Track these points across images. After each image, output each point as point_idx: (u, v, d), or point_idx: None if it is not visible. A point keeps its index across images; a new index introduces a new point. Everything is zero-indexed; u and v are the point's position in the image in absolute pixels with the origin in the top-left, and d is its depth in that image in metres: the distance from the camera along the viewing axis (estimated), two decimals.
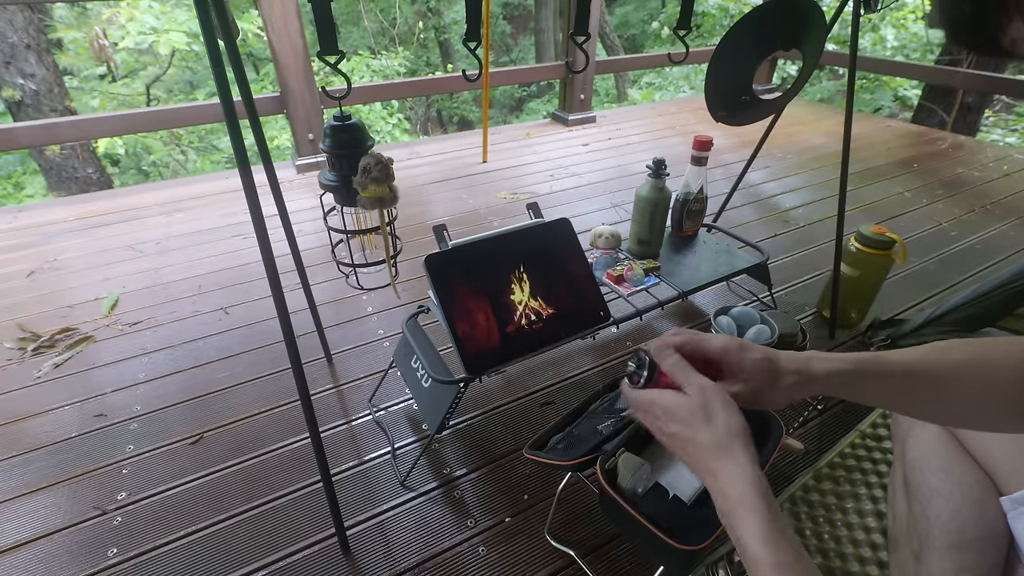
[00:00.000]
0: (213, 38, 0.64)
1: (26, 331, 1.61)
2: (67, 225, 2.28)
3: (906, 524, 0.76)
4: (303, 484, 1.12)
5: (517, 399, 1.33)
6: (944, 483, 0.72)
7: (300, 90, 2.56)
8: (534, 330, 1.04)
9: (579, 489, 1.09)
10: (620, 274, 1.28)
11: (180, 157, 6.12)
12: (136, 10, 4.54)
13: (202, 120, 2.67)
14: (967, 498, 0.70)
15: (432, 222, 1.58)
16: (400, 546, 1.01)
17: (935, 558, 0.67)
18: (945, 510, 0.70)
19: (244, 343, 1.54)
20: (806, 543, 0.95)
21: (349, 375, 1.41)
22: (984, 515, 0.68)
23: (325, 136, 0.86)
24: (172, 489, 1.12)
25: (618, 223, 2.18)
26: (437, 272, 0.98)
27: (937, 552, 0.68)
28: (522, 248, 1.07)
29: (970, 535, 0.67)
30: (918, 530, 0.72)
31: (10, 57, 3.93)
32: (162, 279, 1.87)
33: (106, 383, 1.41)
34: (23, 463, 1.20)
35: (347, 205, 0.91)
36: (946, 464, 0.74)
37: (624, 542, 1.00)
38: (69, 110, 4.37)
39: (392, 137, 6.37)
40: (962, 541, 0.66)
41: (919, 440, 0.80)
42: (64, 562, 0.99)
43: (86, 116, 3.08)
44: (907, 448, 0.81)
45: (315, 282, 1.76)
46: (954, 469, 0.73)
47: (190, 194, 2.53)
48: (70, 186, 4.56)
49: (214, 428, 1.27)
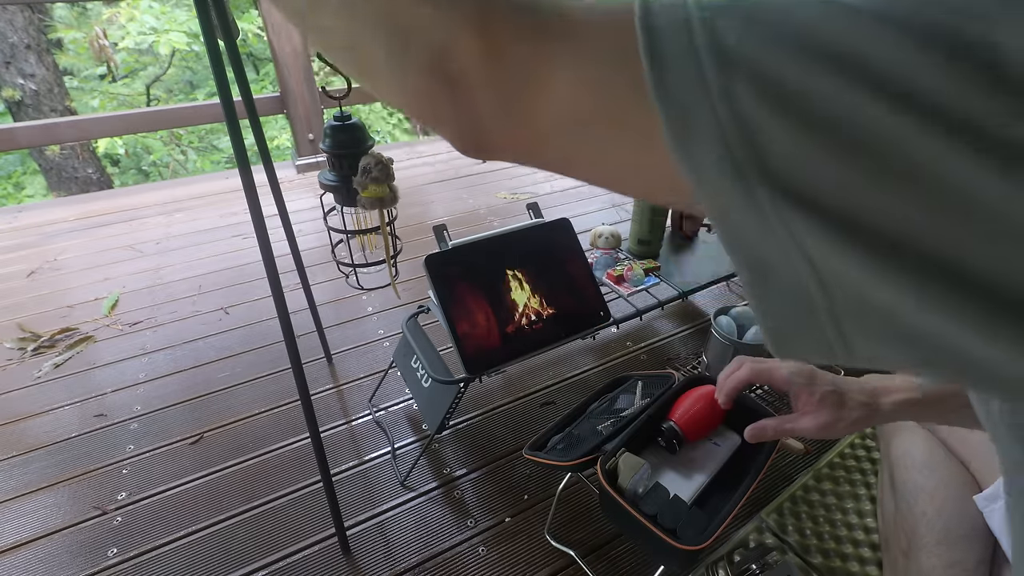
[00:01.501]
0: (213, 38, 0.64)
1: (26, 331, 1.61)
2: (67, 225, 2.27)
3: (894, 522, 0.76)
4: (303, 484, 1.12)
5: (517, 399, 1.33)
6: (928, 480, 0.72)
7: (300, 90, 2.56)
8: (534, 330, 1.04)
9: (579, 489, 1.09)
10: (620, 274, 1.28)
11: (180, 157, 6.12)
12: (136, 10, 4.54)
13: (202, 120, 2.68)
14: (951, 494, 0.70)
15: (432, 222, 1.58)
16: (400, 546, 1.01)
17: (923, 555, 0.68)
18: (930, 507, 0.70)
19: (244, 343, 1.54)
20: (806, 543, 0.95)
21: (349, 375, 1.41)
22: (969, 511, 0.68)
23: (325, 136, 0.86)
24: (172, 489, 1.12)
25: (618, 223, 2.18)
26: (437, 272, 0.98)
27: (925, 549, 0.68)
28: (522, 248, 1.07)
29: (956, 531, 0.67)
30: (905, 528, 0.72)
31: (10, 57, 3.93)
32: (162, 279, 1.87)
33: (106, 383, 1.41)
34: (23, 463, 1.20)
35: (347, 205, 0.91)
36: (930, 461, 0.74)
37: (624, 542, 1.00)
38: (69, 110, 4.37)
39: (392, 137, 6.37)
40: (948, 537, 0.66)
41: (903, 439, 0.80)
42: (64, 562, 0.99)
43: (86, 116, 3.08)
44: (892, 447, 0.81)
45: (315, 282, 1.75)
46: (938, 466, 0.73)
47: (190, 194, 2.53)
48: (70, 186, 4.56)
49: (214, 428, 1.27)
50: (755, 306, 0.19)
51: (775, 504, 1.01)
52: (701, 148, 0.17)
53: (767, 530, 0.98)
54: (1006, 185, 0.14)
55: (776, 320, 0.19)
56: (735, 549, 0.94)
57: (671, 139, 0.17)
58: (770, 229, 0.17)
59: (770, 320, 0.19)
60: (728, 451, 0.88)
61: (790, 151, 0.15)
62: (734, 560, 0.92)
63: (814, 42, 0.15)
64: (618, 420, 0.93)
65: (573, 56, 0.20)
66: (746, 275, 0.19)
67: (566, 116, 0.21)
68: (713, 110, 0.16)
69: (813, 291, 0.17)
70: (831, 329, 0.18)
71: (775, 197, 0.16)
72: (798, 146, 0.15)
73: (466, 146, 0.24)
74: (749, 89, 0.16)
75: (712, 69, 0.16)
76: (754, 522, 0.99)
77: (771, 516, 1.00)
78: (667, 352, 1.49)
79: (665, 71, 0.17)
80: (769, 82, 0.15)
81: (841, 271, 0.16)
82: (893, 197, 0.15)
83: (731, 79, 0.16)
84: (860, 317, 0.17)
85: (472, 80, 0.21)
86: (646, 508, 0.77)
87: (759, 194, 0.16)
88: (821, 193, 0.15)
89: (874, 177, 0.15)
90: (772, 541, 0.96)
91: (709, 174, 0.17)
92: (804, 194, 0.16)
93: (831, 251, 0.16)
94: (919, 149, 0.14)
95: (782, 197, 0.16)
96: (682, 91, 0.17)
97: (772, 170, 0.16)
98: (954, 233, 0.15)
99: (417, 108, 0.24)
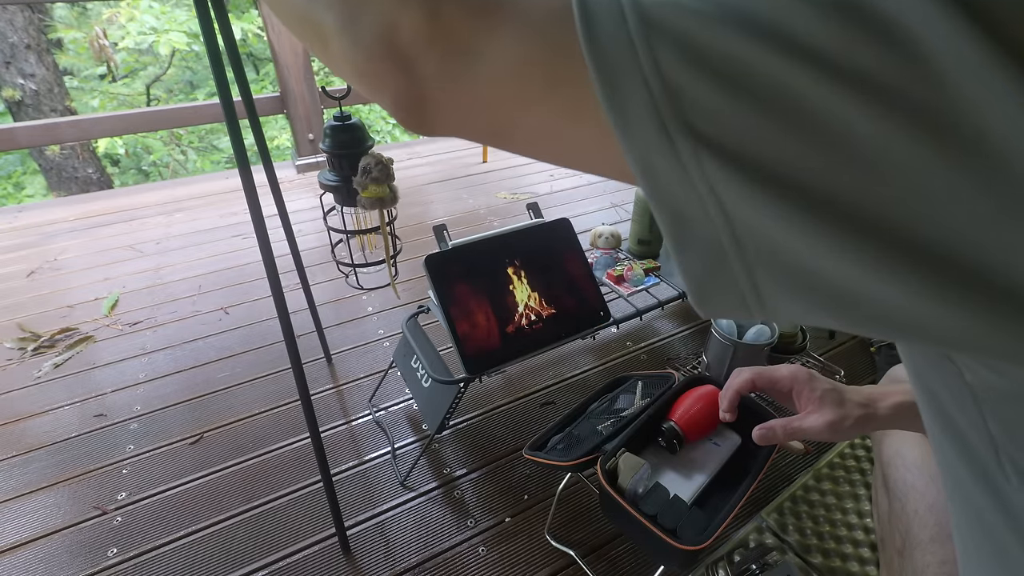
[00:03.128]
0: (213, 38, 0.64)
1: (26, 331, 1.61)
2: (67, 225, 2.27)
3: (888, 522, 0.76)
4: (303, 484, 1.12)
5: (517, 399, 1.33)
6: (918, 478, 0.72)
7: (300, 90, 2.56)
8: (534, 330, 1.04)
9: (579, 489, 1.09)
10: (620, 274, 1.28)
11: (180, 157, 6.12)
12: (136, 10, 4.54)
13: (202, 120, 2.68)
14: (941, 492, 0.70)
15: (432, 222, 1.58)
16: (400, 546, 1.01)
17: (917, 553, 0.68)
18: (921, 504, 0.70)
19: (244, 343, 1.54)
20: (806, 543, 0.95)
21: (349, 375, 1.41)
22: None
23: (325, 136, 0.86)
24: (172, 489, 1.12)
25: (618, 223, 2.18)
26: (437, 272, 0.98)
27: (919, 547, 0.68)
28: (522, 248, 1.07)
29: (947, 528, 0.67)
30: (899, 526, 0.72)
31: (10, 57, 3.93)
32: (162, 279, 1.87)
33: (106, 383, 1.41)
34: (23, 463, 1.20)
35: (347, 205, 0.91)
36: (919, 459, 0.74)
37: (624, 542, 1.00)
38: (69, 110, 4.37)
39: (392, 137, 6.38)
40: (940, 534, 0.66)
41: (895, 438, 0.80)
42: (64, 562, 0.99)
43: (86, 116, 3.08)
44: (884, 446, 0.81)
45: (315, 282, 1.76)
46: (927, 464, 0.73)
47: (190, 194, 2.53)
48: (70, 186, 4.56)
49: (214, 428, 1.27)
50: (677, 260, 0.20)
51: (775, 504, 1.02)
52: (628, 104, 0.18)
53: (767, 530, 0.98)
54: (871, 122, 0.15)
55: (694, 273, 0.20)
56: (735, 549, 0.94)
57: (602, 95, 0.19)
58: (689, 181, 0.18)
59: (689, 273, 0.20)
60: (728, 451, 0.88)
61: (706, 104, 0.17)
62: (734, 560, 0.92)
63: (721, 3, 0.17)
64: (618, 420, 0.93)
65: (515, 31, 0.21)
66: (668, 229, 0.20)
67: (507, 88, 0.22)
68: (639, 67, 0.18)
69: (726, 242, 0.18)
70: (744, 280, 0.19)
71: (696, 149, 0.17)
72: (712, 99, 0.17)
73: (409, 117, 0.25)
74: (670, 48, 0.17)
75: (638, 30, 0.18)
76: (754, 522, 0.99)
77: (771, 516, 1.00)
78: (667, 352, 1.49)
79: (595, 33, 0.19)
80: (686, 41, 0.17)
81: (753, 220, 0.18)
82: (796, 143, 0.16)
83: (653, 39, 0.18)
84: (771, 268, 0.18)
85: (418, 54, 0.23)
86: (646, 508, 0.77)
87: (680, 146, 0.18)
88: (733, 143, 0.17)
89: (777, 124, 0.16)
90: (772, 541, 0.96)
91: (635, 129, 0.18)
92: (720, 144, 0.17)
93: (741, 198, 0.17)
94: (806, 92, 0.16)
95: (701, 148, 0.17)
96: (611, 51, 0.18)
97: (690, 122, 0.17)
98: (846, 175, 0.16)
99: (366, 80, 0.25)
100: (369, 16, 0.23)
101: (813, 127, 0.16)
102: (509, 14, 0.21)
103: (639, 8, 0.18)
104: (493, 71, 0.22)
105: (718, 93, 0.17)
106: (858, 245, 0.16)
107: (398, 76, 0.23)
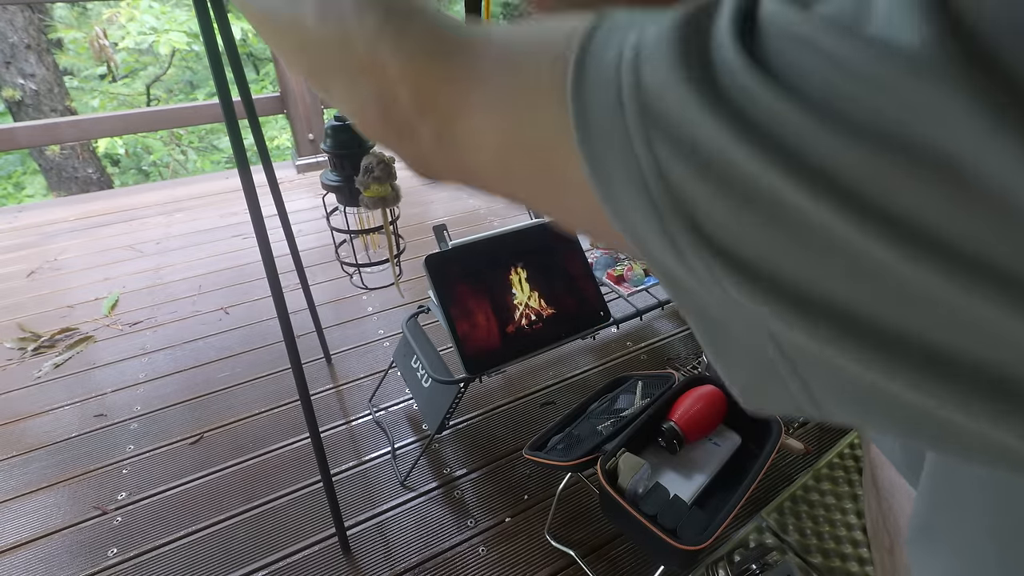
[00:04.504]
0: (213, 38, 0.64)
1: (26, 331, 1.61)
2: (67, 225, 2.27)
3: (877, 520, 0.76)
4: (303, 484, 1.12)
5: (517, 399, 1.33)
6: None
7: (300, 90, 2.56)
8: (534, 330, 1.04)
9: (579, 489, 1.09)
10: (620, 274, 1.28)
11: (180, 157, 6.12)
12: (136, 10, 4.53)
13: (202, 120, 2.68)
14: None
15: (432, 222, 1.58)
16: (400, 546, 1.01)
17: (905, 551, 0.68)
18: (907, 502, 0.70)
19: (244, 343, 1.54)
20: (806, 543, 0.95)
21: (349, 375, 1.41)
22: None
23: (326, 136, 0.86)
24: (172, 489, 1.12)
25: None
26: (437, 272, 0.98)
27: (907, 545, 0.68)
28: (522, 248, 1.07)
29: None
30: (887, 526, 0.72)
31: (10, 57, 3.93)
32: (162, 279, 1.87)
33: (106, 383, 1.41)
34: (23, 463, 1.20)
35: (350, 205, 0.91)
36: None
37: (624, 542, 1.00)
38: (69, 110, 4.37)
39: None
40: None
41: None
42: (64, 562, 0.99)
43: (86, 116, 3.09)
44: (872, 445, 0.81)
45: (315, 282, 1.76)
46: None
47: (190, 194, 2.52)
48: (70, 186, 4.56)
49: (214, 428, 1.27)
50: (716, 362, 0.18)
51: (775, 504, 1.02)
52: (631, 213, 0.16)
53: (767, 530, 0.98)
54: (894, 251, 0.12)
55: (740, 376, 0.18)
56: (735, 549, 0.94)
57: (600, 197, 0.17)
58: (729, 300, 0.15)
59: (735, 375, 0.18)
60: (728, 451, 0.88)
61: (719, 219, 0.14)
62: (734, 560, 0.92)
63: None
64: (618, 420, 0.93)
65: (484, 100, 0.20)
66: (702, 334, 0.18)
67: (490, 156, 0.21)
68: (639, 170, 0.15)
69: (773, 354, 0.16)
70: (800, 392, 0.17)
71: (714, 264, 0.15)
72: (726, 214, 0.14)
73: (418, 174, 0.26)
74: (670, 150, 0.14)
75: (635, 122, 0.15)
76: (754, 522, 0.99)
77: (771, 516, 1.00)
78: (667, 352, 1.49)
79: (587, 120, 0.16)
80: (687, 145, 0.14)
81: (797, 341, 0.15)
82: (820, 270, 0.13)
83: (653, 136, 0.15)
84: (827, 381, 0.16)
85: (416, 126, 0.23)
86: (646, 508, 0.77)
87: (694, 262, 0.15)
88: (757, 262, 0.14)
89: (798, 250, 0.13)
90: (772, 541, 0.96)
91: (644, 235, 0.16)
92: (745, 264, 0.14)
93: (781, 324, 0.15)
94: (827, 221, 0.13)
95: (722, 266, 0.14)
96: (606, 150, 0.16)
97: (706, 235, 0.14)
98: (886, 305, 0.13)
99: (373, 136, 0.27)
100: (367, 89, 0.24)
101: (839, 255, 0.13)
102: (477, 81, 0.20)
103: (639, 94, 0.15)
104: (474, 144, 0.21)
105: (731, 209, 0.14)
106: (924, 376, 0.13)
107: (401, 144, 0.24)
